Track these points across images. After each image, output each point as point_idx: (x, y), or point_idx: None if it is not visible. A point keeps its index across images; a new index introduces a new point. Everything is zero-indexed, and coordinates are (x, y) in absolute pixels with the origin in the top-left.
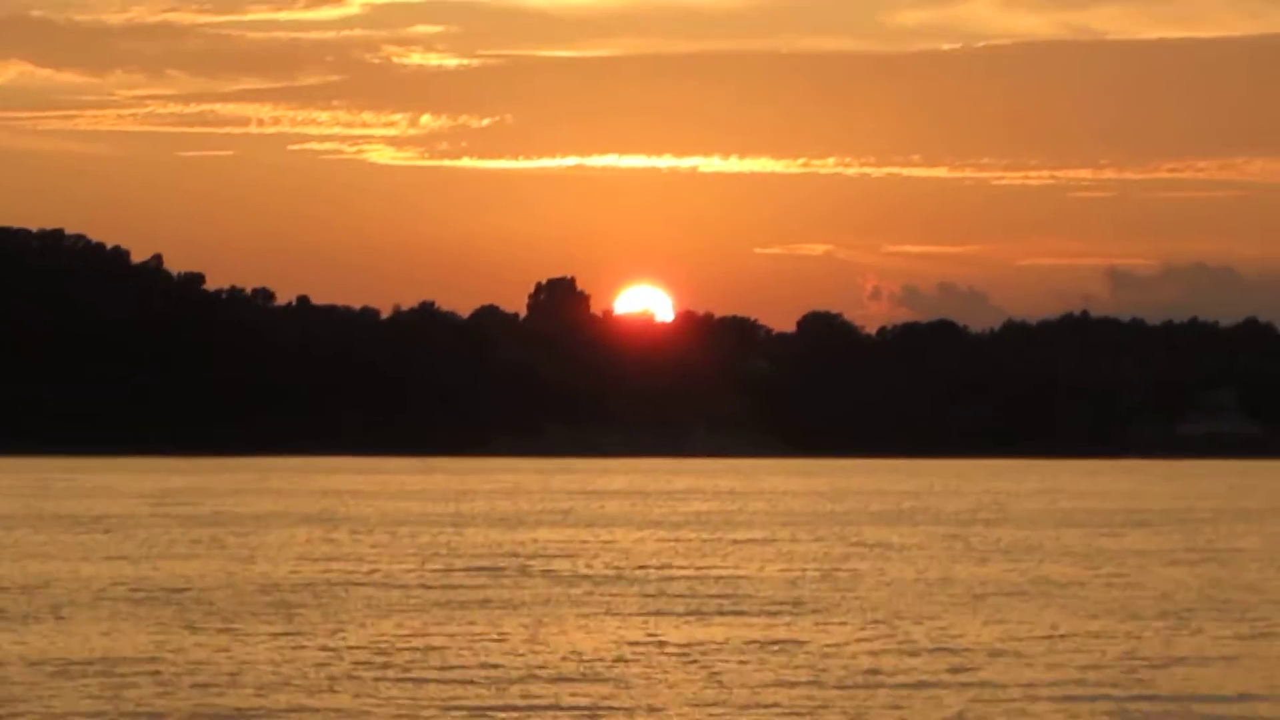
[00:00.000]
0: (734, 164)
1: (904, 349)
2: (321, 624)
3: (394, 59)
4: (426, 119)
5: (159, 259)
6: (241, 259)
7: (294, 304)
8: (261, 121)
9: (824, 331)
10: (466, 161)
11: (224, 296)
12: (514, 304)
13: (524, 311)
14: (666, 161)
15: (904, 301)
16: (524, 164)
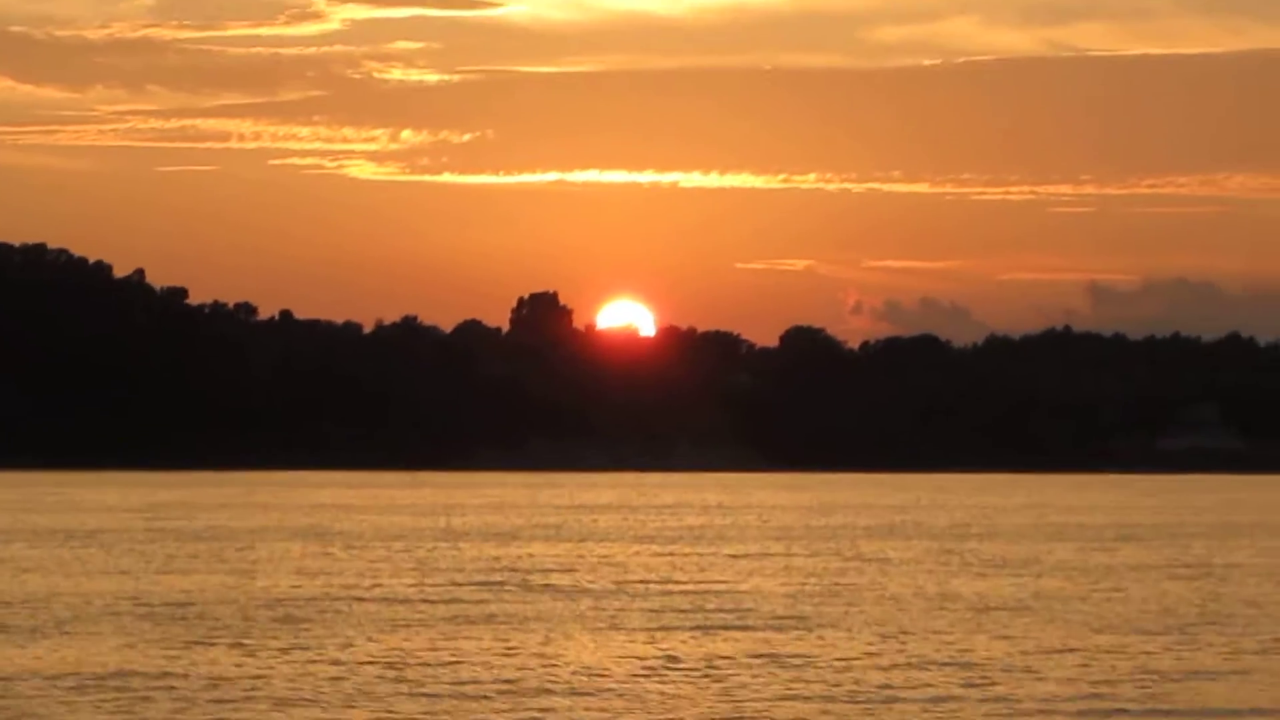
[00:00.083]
0: (715, 179)
1: (887, 364)
2: (330, 639)
3: (375, 74)
4: (407, 134)
5: (141, 274)
6: (223, 274)
7: (276, 318)
8: (242, 137)
9: (806, 346)
10: (448, 177)
11: (206, 311)
12: (497, 318)
13: (507, 326)
14: (648, 177)
15: (885, 316)
16: (505, 179)
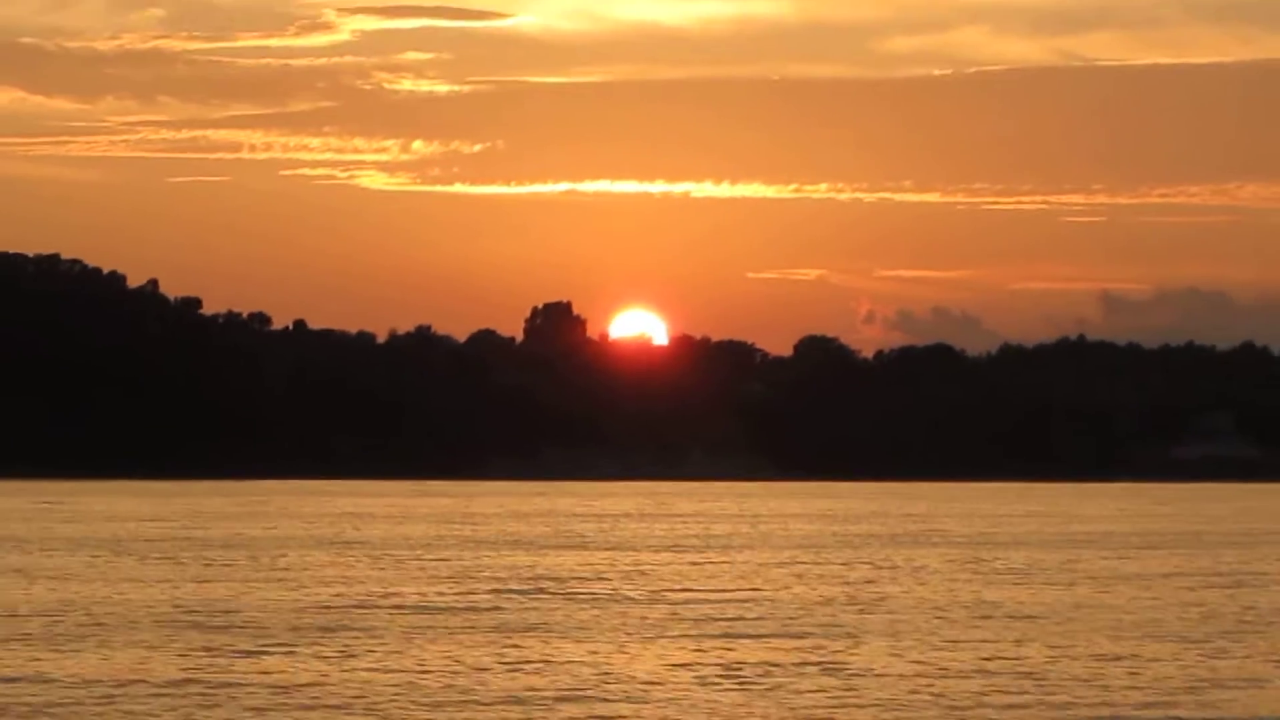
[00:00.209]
0: (726, 189)
1: (900, 373)
2: (368, 647)
3: (385, 85)
4: (418, 145)
5: (155, 284)
6: (235, 284)
7: (290, 328)
8: (253, 147)
9: (820, 356)
10: (459, 187)
11: (220, 321)
12: (510, 328)
13: (520, 335)
14: (659, 187)
15: (897, 326)
16: (516, 189)
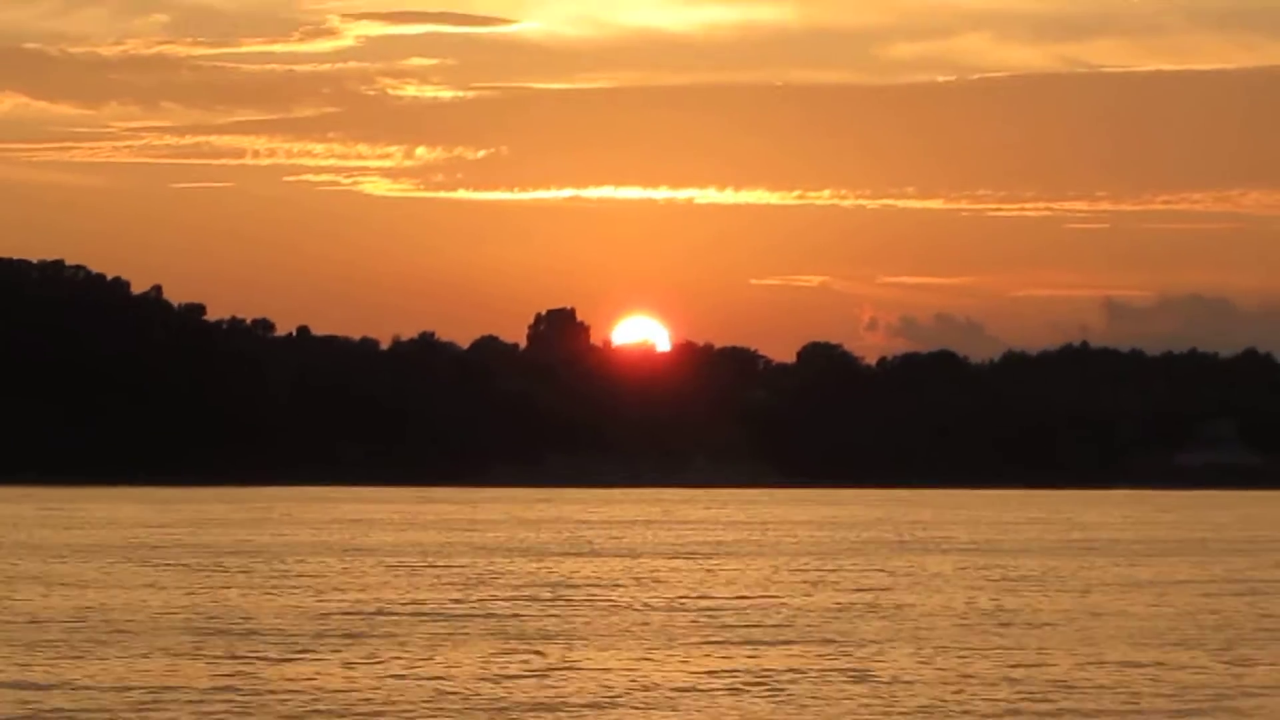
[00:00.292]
0: (730, 195)
1: (904, 380)
2: (394, 654)
3: (389, 91)
4: (422, 151)
5: (158, 290)
6: (238, 290)
7: (294, 334)
8: (257, 153)
9: (824, 362)
10: (462, 193)
11: (224, 327)
12: (514, 334)
13: (524, 342)
14: (662, 193)
15: (901, 332)
16: (520, 195)
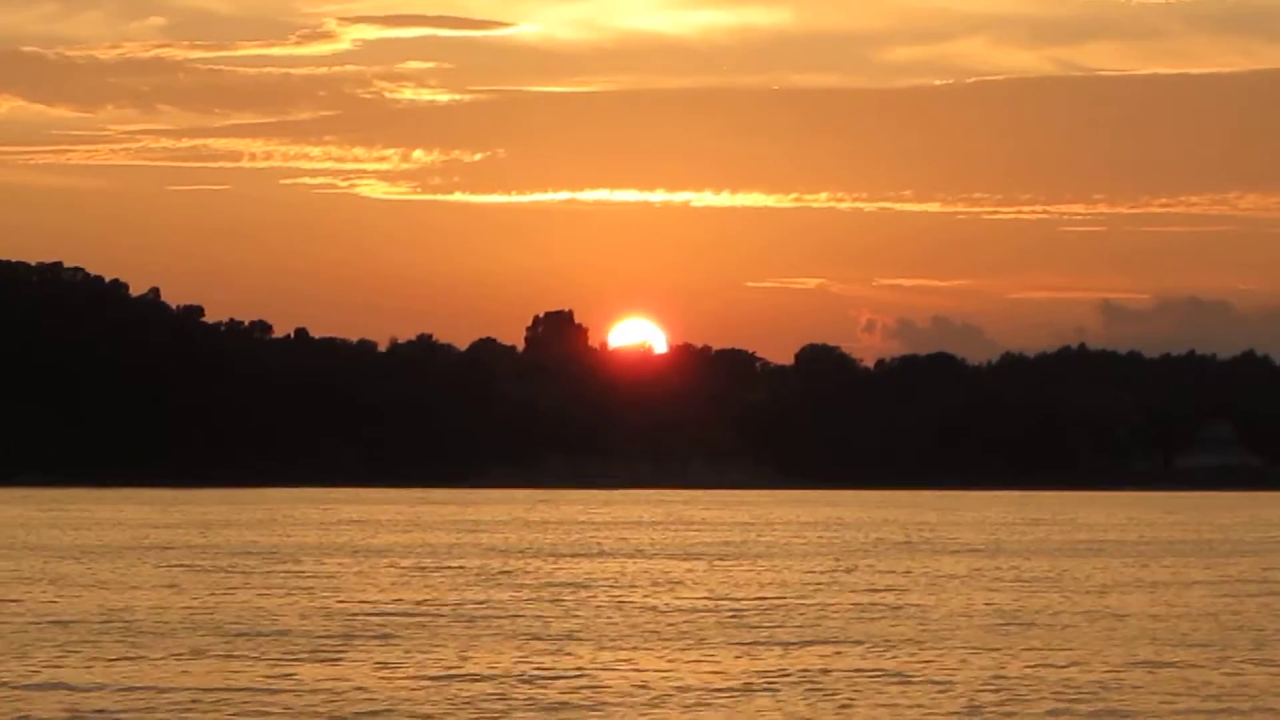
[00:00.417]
0: (726, 198)
1: (902, 382)
2: (420, 654)
3: (386, 94)
4: (419, 154)
5: (156, 292)
6: (236, 293)
7: (291, 337)
8: (254, 156)
9: (821, 365)
10: (459, 196)
11: (222, 329)
12: (511, 337)
13: (521, 344)
14: (659, 196)
15: (897, 335)
16: (517, 199)
